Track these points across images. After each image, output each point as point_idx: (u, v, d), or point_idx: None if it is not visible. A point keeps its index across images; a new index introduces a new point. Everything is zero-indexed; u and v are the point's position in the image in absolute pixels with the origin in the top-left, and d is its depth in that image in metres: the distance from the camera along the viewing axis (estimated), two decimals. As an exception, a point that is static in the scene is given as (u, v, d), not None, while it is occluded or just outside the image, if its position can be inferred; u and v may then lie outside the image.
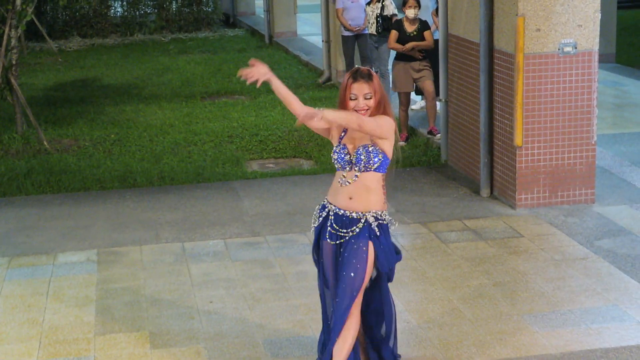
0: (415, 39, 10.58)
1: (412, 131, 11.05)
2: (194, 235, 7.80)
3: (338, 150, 4.90)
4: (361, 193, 4.85)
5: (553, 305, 6.16)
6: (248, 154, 10.47)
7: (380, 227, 4.88)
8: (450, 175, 9.37)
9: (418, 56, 10.60)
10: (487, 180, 8.58)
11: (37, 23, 17.99)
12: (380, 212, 4.89)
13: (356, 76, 4.81)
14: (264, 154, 10.48)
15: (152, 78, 15.83)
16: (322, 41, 15.34)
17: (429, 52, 10.74)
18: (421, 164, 9.79)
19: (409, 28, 10.66)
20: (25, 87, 13.69)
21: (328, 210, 4.94)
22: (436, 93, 10.63)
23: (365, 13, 13.09)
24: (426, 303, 6.25)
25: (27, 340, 5.89)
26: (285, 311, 6.19)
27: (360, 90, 4.79)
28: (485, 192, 8.60)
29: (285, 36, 19.96)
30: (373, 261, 4.88)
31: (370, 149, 4.82)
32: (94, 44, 20.84)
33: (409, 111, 11.51)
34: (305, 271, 6.87)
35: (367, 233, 4.85)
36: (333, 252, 4.94)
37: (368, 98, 4.79)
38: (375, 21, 12.46)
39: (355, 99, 4.80)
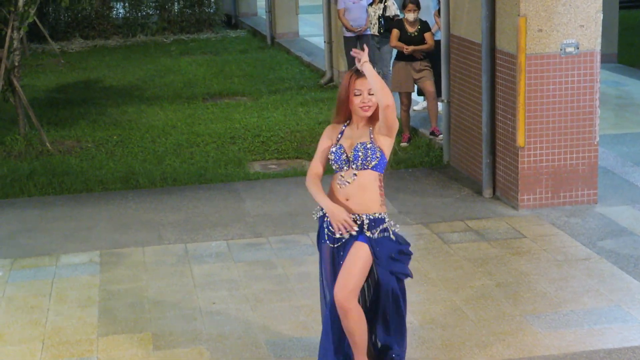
0: (415, 40, 10.59)
1: (414, 132, 11.05)
2: (197, 236, 7.80)
3: (335, 150, 4.84)
4: (357, 193, 4.79)
5: (556, 305, 6.16)
6: (250, 155, 10.48)
7: (378, 230, 4.80)
8: (452, 176, 9.37)
9: (419, 56, 10.61)
10: (490, 181, 8.58)
11: (40, 24, 17.90)
12: (377, 214, 4.81)
13: (359, 73, 4.76)
14: (266, 155, 10.49)
15: (154, 79, 15.84)
16: (324, 42, 15.35)
17: (430, 53, 10.75)
18: (423, 165, 9.79)
19: (410, 29, 10.67)
20: (27, 89, 13.69)
21: (324, 212, 4.90)
22: (437, 93, 10.64)
23: (367, 14, 13.10)
24: (428, 304, 6.25)
25: (30, 341, 5.90)
26: (287, 312, 6.19)
27: (364, 85, 4.74)
28: (487, 193, 8.60)
29: (287, 37, 19.97)
30: (368, 263, 4.83)
31: (368, 146, 4.76)
32: (96, 46, 20.85)
33: (411, 112, 11.51)
34: (307, 272, 6.87)
35: (363, 236, 4.79)
36: (331, 255, 4.91)
37: (372, 94, 4.73)
38: (377, 22, 12.47)
39: (359, 95, 4.75)
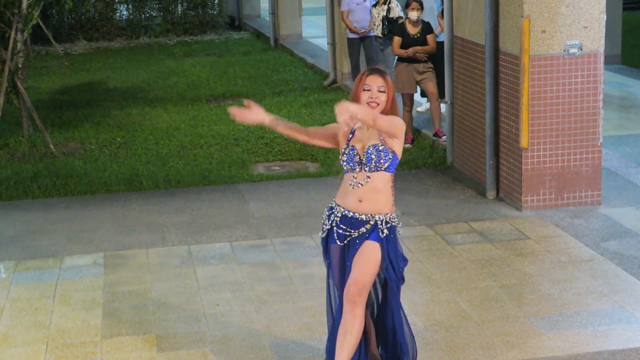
0: (418, 41, 10.58)
1: (418, 133, 11.05)
2: (200, 238, 7.81)
3: (347, 151, 4.89)
4: (370, 195, 4.84)
5: (559, 307, 6.16)
6: (254, 157, 10.48)
7: (389, 230, 4.87)
8: (456, 177, 9.37)
9: (422, 58, 10.59)
10: (493, 182, 8.57)
11: (43, 26, 18.00)
12: (389, 215, 4.89)
13: (372, 70, 4.90)
14: (270, 157, 10.49)
15: (158, 81, 15.85)
16: (328, 43, 15.35)
17: (433, 54, 10.73)
18: (427, 166, 9.79)
19: (412, 30, 10.65)
20: (31, 91, 13.71)
21: (335, 211, 4.93)
22: (440, 95, 10.63)
23: (370, 15, 13.11)
24: (432, 305, 6.25)
25: (34, 343, 5.90)
26: (291, 314, 6.19)
27: (374, 82, 4.83)
28: (491, 194, 8.59)
29: (290, 39, 19.98)
30: (379, 262, 4.87)
31: (380, 148, 4.82)
32: (100, 47, 20.88)
33: (415, 113, 11.51)
34: (311, 274, 6.88)
35: (376, 235, 4.84)
36: (340, 254, 4.94)
37: (381, 91, 4.82)
38: (381, 23, 12.47)
39: (368, 90, 4.83)
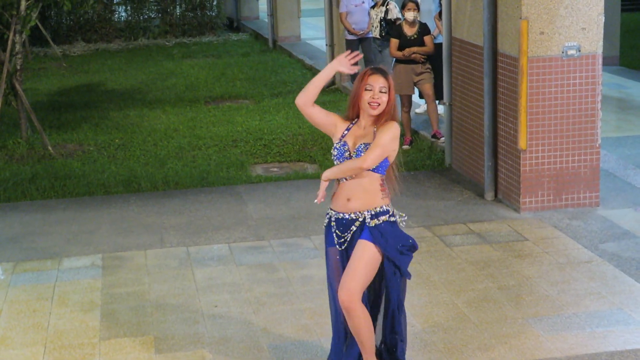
0: (415, 42, 10.57)
1: (416, 135, 11.05)
2: (199, 239, 7.81)
3: (338, 146, 4.90)
4: (359, 194, 4.85)
5: (558, 308, 6.16)
6: (252, 158, 10.48)
7: (378, 219, 4.84)
8: (454, 178, 9.37)
9: (419, 59, 10.57)
10: (492, 183, 8.58)
11: (42, 28, 17.96)
12: (378, 208, 4.86)
13: (374, 70, 4.88)
14: (268, 158, 10.49)
15: (156, 83, 15.85)
16: (326, 45, 15.36)
17: (431, 55, 10.73)
18: (425, 168, 9.79)
19: (409, 31, 10.65)
20: (29, 92, 13.71)
21: (329, 216, 4.97)
22: (439, 96, 10.63)
23: (369, 17, 13.11)
24: (431, 307, 6.25)
25: (32, 345, 5.90)
26: (290, 315, 6.19)
27: (376, 81, 4.82)
28: (489, 196, 8.60)
29: (289, 40, 19.99)
30: (373, 259, 4.86)
31: None
32: (98, 49, 20.89)
33: (414, 115, 11.52)
34: (310, 275, 6.88)
35: (366, 232, 4.83)
36: (340, 257, 4.94)
37: (383, 91, 4.81)
38: (379, 25, 12.48)
39: (370, 90, 4.82)
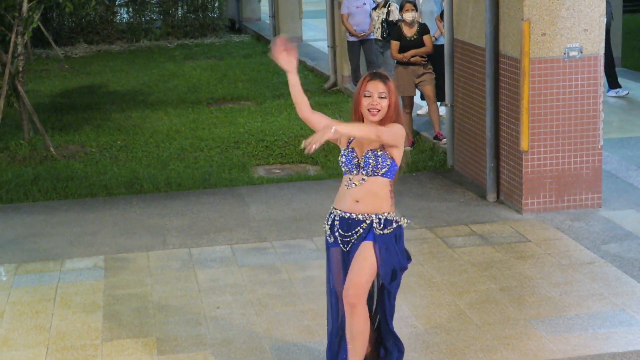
0: (415, 43, 10.56)
1: (418, 136, 11.05)
2: (201, 241, 7.81)
3: (346, 153, 4.90)
4: (367, 197, 4.85)
5: (560, 310, 6.16)
6: (254, 160, 10.48)
7: (385, 227, 4.86)
8: (456, 180, 9.37)
9: (419, 62, 10.55)
10: (494, 185, 8.58)
11: (44, 30, 17.97)
12: (386, 214, 4.88)
13: (373, 75, 4.84)
14: (270, 160, 10.49)
15: (158, 84, 15.86)
16: (328, 46, 15.37)
17: (432, 57, 10.73)
18: (427, 169, 9.79)
19: (409, 32, 10.64)
20: (31, 94, 13.72)
21: (334, 215, 4.95)
22: (440, 97, 10.62)
23: (370, 18, 13.11)
24: (433, 308, 6.25)
25: (35, 346, 5.90)
26: (292, 317, 6.19)
27: (375, 87, 4.79)
28: (491, 197, 8.60)
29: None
30: (376, 263, 4.87)
31: (379, 154, 4.82)
32: (100, 51, 20.90)
33: (415, 116, 11.51)
34: (312, 277, 6.88)
35: (372, 235, 4.84)
36: (341, 258, 4.94)
37: (382, 97, 4.78)
38: (380, 26, 12.48)
39: (369, 96, 4.80)
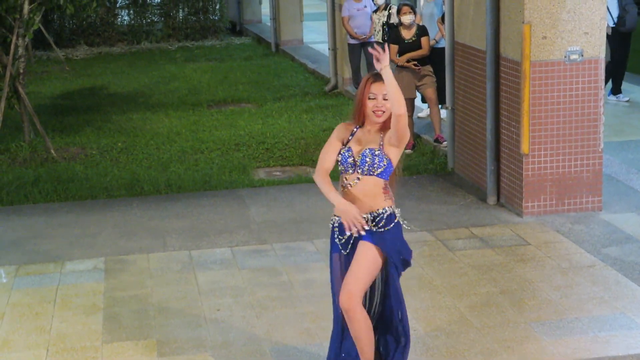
0: (413, 45, 10.55)
1: (419, 139, 11.05)
2: (201, 243, 7.81)
3: (342, 152, 4.87)
4: (362, 198, 4.82)
5: (560, 313, 6.15)
6: (255, 162, 10.49)
7: (381, 220, 4.83)
8: (456, 182, 9.37)
9: (413, 67, 10.49)
10: (494, 188, 8.58)
11: (45, 32, 18.06)
12: (381, 210, 4.83)
13: (377, 77, 4.79)
14: (271, 162, 10.49)
15: (159, 86, 15.87)
16: (329, 49, 15.37)
17: (433, 60, 10.73)
18: (428, 172, 9.79)
19: (407, 35, 10.63)
20: (32, 96, 13.73)
21: (333, 222, 4.94)
22: (441, 100, 10.62)
23: (371, 21, 13.12)
24: (433, 311, 6.25)
25: (35, 348, 5.90)
26: (292, 319, 6.19)
27: (379, 90, 4.76)
28: (492, 200, 8.60)
29: (291, 44, 20.00)
30: (375, 260, 4.85)
31: (376, 153, 4.79)
32: (101, 53, 20.91)
33: (416, 119, 11.51)
34: (312, 279, 6.88)
35: (367, 234, 4.81)
36: (342, 263, 4.93)
37: (386, 99, 4.75)
38: (381, 29, 12.48)
39: (374, 98, 4.77)
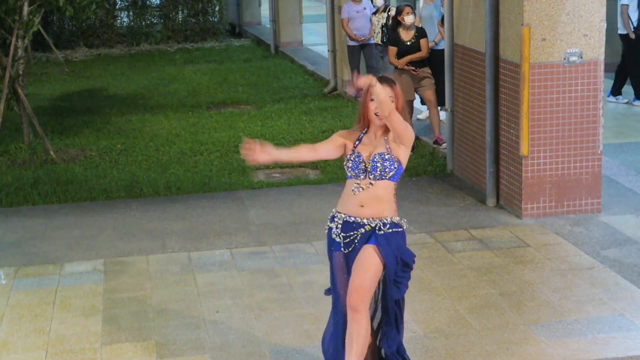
0: (412, 47, 10.55)
1: (418, 140, 11.05)
2: (200, 245, 7.81)
3: (352, 158, 4.87)
4: (373, 202, 4.83)
5: (559, 315, 6.16)
6: (254, 164, 10.46)
7: (390, 229, 4.84)
8: (456, 184, 9.37)
9: (412, 70, 10.49)
10: (493, 189, 8.58)
11: (44, 33, 17.96)
12: (390, 218, 4.85)
13: (380, 79, 4.80)
14: (270, 164, 10.49)
15: (158, 88, 15.87)
16: (328, 51, 15.38)
17: (433, 62, 10.73)
18: (427, 174, 9.79)
19: (406, 37, 10.62)
20: (31, 97, 13.71)
21: (337, 219, 4.93)
22: (440, 102, 10.62)
23: (371, 23, 13.13)
24: (432, 313, 6.25)
25: (34, 350, 5.90)
26: (291, 321, 6.19)
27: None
28: (491, 202, 8.60)
29: (291, 46, 20.02)
30: (379, 266, 4.86)
31: (386, 157, 4.81)
32: (100, 54, 20.92)
33: (415, 120, 11.51)
34: (311, 281, 6.88)
35: (374, 238, 4.83)
36: (343, 262, 4.93)
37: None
38: (380, 31, 12.49)
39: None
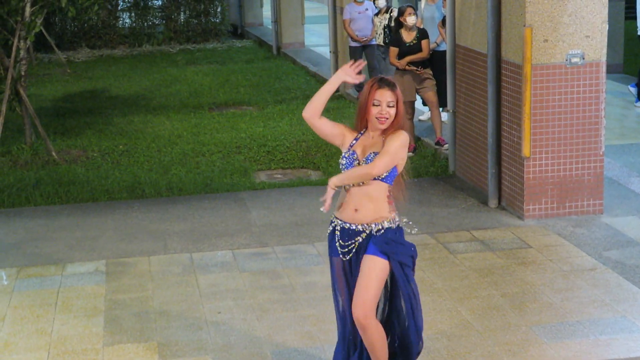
0: (414, 48, 10.55)
1: (420, 142, 11.05)
2: (202, 245, 7.81)
3: (347, 155, 4.86)
4: (366, 204, 4.82)
5: (561, 316, 6.15)
6: (256, 165, 10.49)
7: (385, 231, 4.83)
8: (458, 185, 9.37)
9: (413, 70, 10.48)
10: (495, 191, 8.57)
11: (46, 34, 18.06)
12: (385, 221, 4.84)
13: (381, 83, 4.78)
14: (272, 165, 10.50)
15: (161, 89, 15.88)
16: (330, 52, 15.39)
17: (434, 63, 10.73)
18: (429, 175, 9.79)
19: (407, 38, 10.62)
20: (33, 98, 13.74)
21: (335, 225, 4.93)
22: (442, 103, 10.62)
23: (373, 24, 13.13)
24: (434, 314, 6.25)
25: (36, 350, 5.90)
26: (293, 322, 6.19)
27: (384, 96, 4.76)
28: (493, 203, 8.59)
29: (292, 47, 20.02)
30: (382, 273, 4.85)
31: None
32: (103, 55, 20.92)
33: (417, 122, 11.50)
34: (313, 282, 6.88)
35: (372, 247, 4.81)
36: (343, 268, 4.92)
37: (391, 106, 4.76)
38: (382, 32, 12.49)
39: (378, 105, 4.76)
